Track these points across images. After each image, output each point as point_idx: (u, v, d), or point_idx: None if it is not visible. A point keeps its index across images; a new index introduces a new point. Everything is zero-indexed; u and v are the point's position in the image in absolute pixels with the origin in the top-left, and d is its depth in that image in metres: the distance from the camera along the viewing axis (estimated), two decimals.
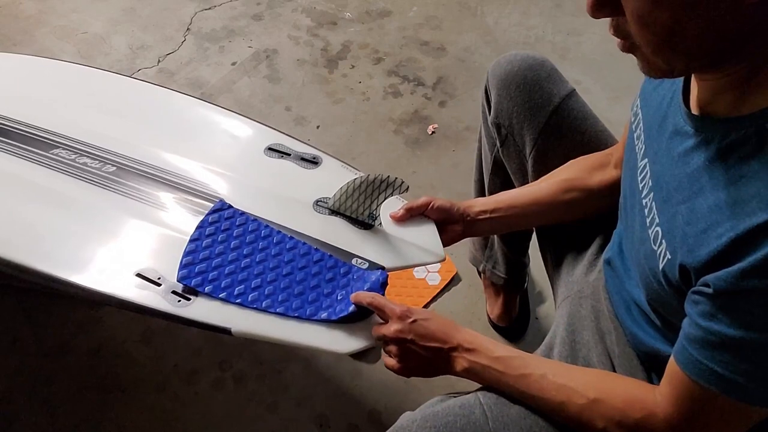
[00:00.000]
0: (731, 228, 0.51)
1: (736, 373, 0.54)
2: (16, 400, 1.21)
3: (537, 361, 0.72)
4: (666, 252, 0.60)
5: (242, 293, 0.79)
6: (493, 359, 0.72)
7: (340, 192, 0.89)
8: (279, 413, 1.21)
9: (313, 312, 0.78)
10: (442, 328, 0.74)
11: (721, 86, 0.56)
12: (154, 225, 0.88)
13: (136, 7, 2.18)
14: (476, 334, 0.75)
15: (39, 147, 0.98)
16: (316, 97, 1.87)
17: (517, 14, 2.16)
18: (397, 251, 0.87)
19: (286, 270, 0.83)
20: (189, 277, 0.80)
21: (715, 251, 0.53)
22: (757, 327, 0.51)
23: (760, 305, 0.50)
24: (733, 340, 0.53)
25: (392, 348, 0.76)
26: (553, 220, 0.95)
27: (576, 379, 0.68)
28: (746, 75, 0.53)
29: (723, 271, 0.52)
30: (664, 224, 0.62)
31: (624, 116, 0.86)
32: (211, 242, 0.84)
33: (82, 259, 0.84)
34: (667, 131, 0.65)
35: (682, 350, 0.58)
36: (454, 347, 0.74)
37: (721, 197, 0.54)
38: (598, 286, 0.86)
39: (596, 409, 0.65)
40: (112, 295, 0.79)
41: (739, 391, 0.55)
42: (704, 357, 0.56)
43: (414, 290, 1.38)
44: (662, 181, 0.64)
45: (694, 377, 0.57)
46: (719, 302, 0.53)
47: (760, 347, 0.52)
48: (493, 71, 0.98)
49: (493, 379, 0.72)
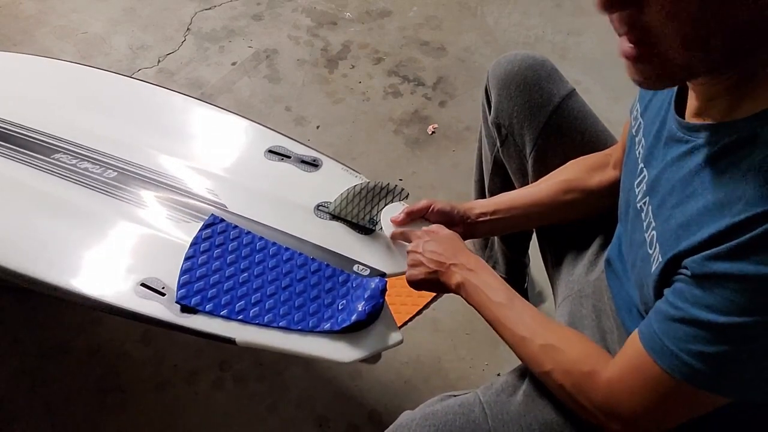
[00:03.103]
0: (715, 226, 0.52)
1: (684, 351, 0.54)
2: (15, 400, 1.21)
3: (522, 302, 0.75)
4: (658, 255, 0.60)
5: (243, 309, 0.79)
6: (485, 284, 0.76)
7: (341, 197, 0.89)
8: (279, 414, 1.21)
9: (316, 324, 0.78)
10: (450, 246, 0.81)
11: (715, 92, 0.56)
12: (157, 232, 0.87)
13: (136, 7, 2.18)
14: (481, 260, 0.80)
15: (40, 152, 0.98)
16: (316, 97, 1.87)
17: (517, 14, 2.16)
18: (398, 257, 0.88)
19: (285, 282, 0.82)
20: (188, 297, 0.79)
21: (697, 242, 0.54)
22: (720, 310, 0.51)
23: (728, 289, 0.51)
24: (692, 319, 0.54)
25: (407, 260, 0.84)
26: (553, 221, 0.95)
27: (547, 325, 0.71)
28: (739, 81, 0.53)
29: (699, 255, 0.53)
30: (659, 228, 0.62)
31: (624, 116, 0.86)
32: (206, 259, 0.84)
33: (86, 268, 0.83)
34: (662, 137, 0.65)
35: (645, 321, 0.60)
36: (455, 264, 0.79)
37: (710, 200, 0.54)
38: (600, 286, 0.86)
39: (550, 354, 0.68)
40: (115, 306, 0.79)
41: (681, 369, 0.55)
42: (660, 329, 0.57)
43: (414, 290, 1.38)
44: (657, 185, 0.64)
45: (644, 346, 0.58)
46: (692, 283, 0.54)
47: (715, 331, 0.52)
48: (494, 71, 0.98)
49: (479, 301, 0.76)
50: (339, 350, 0.76)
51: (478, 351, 1.30)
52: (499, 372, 1.26)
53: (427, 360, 1.28)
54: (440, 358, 1.29)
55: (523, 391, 0.75)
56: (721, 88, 0.55)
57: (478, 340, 1.32)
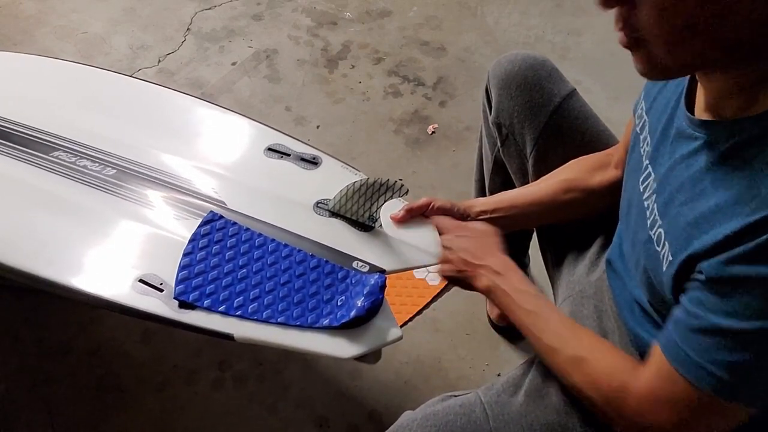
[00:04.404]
0: (729, 226, 0.51)
1: (709, 361, 0.53)
2: (16, 400, 1.21)
3: (550, 306, 0.74)
4: (668, 254, 0.60)
5: (241, 305, 0.79)
6: (513, 289, 0.75)
7: (340, 194, 0.89)
8: (279, 413, 1.21)
9: (315, 320, 0.78)
10: (481, 245, 0.81)
11: (729, 89, 0.55)
12: (155, 229, 0.87)
13: (136, 7, 2.18)
14: (509, 261, 0.79)
15: (39, 150, 0.98)
16: (316, 97, 1.87)
17: (517, 14, 2.16)
18: (398, 253, 0.87)
19: (284, 278, 0.82)
20: (186, 293, 0.79)
21: (711, 243, 0.53)
22: (741, 315, 0.51)
23: (747, 293, 0.50)
24: (712, 328, 0.53)
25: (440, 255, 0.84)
26: (553, 220, 0.95)
27: (575, 334, 0.70)
28: (756, 79, 0.53)
29: (714, 258, 0.52)
30: (666, 226, 0.61)
31: (624, 116, 0.86)
32: (205, 255, 0.83)
33: (84, 265, 0.83)
34: (671, 134, 0.64)
35: (665, 331, 0.59)
36: (483, 265, 0.78)
37: (723, 198, 0.53)
38: (601, 286, 0.86)
39: (579, 366, 0.67)
40: (113, 302, 0.78)
41: (708, 381, 0.54)
42: (682, 340, 0.56)
43: (414, 290, 1.38)
44: (665, 183, 0.64)
45: (669, 359, 0.57)
46: (708, 288, 0.53)
47: (737, 339, 0.52)
48: (494, 71, 0.98)
49: (506, 305, 0.76)
50: (338, 346, 0.76)
51: (478, 351, 1.30)
52: (499, 372, 1.26)
53: (427, 360, 1.28)
54: (440, 358, 1.29)
55: (524, 392, 0.75)
56: (733, 85, 0.54)
57: (478, 340, 1.32)
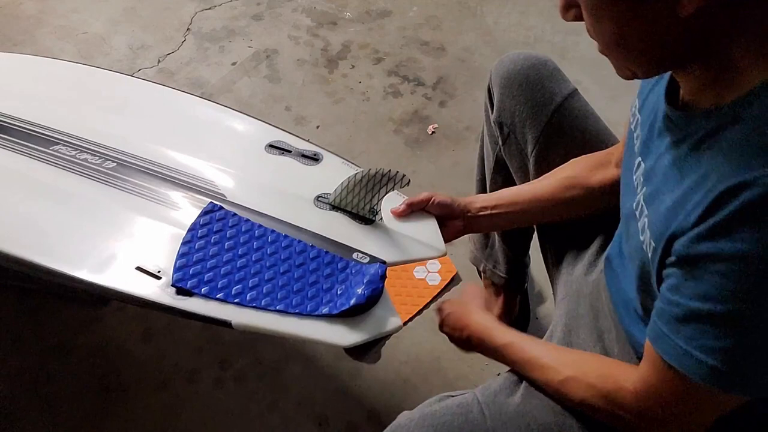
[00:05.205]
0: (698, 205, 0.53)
1: (696, 348, 0.54)
2: (17, 399, 1.21)
3: (530, 345, 0.77)
4: (651, 241, 0.61)
5: (240, 293, 0.78)
6: (495, 347, 0.80)
7: (341, 187, 0.89)
8: (279, 412, 1.21)
9: (314, 308, 0.77)
10: (460, 318, 0.86)
11: (701, 83, 0.57)
12: (154, 220, 0.88)
13: (136, 7, 2.18)
14: (485, 321, 0.83)
15: (39, 143, 0.98)
16: (316, 97, 1.87)
17: (517, 14, 2.17)
18: (398, 246, 0.87)
19: (284, 268, 0.82)
20: (184, 280, 0.79)
21: (684, 223, 0.54)
22: (715, 298, 0.51)
23: (716, 273, 0.51)
24: (692, 314, 0.54)
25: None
26: (553, 218, 0.96)
27: (557, 359, 0.74)
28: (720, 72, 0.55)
29: (683, 236, 0.54)
30: (650, 215, 0.63)
31: (623, 116, 0.86)
32: (204, 244, 0.83)
33: (83, 254, 0.83)
34: (656, 128, 0.66)
35: (652, 324, 0.59)
36: (467, 337, 0.85)
37: (694, 178, 0.55)
38: (598, 285, 0.86)
39: (570, 385, 0.70)
40: (111, 288, 0.79)
41: (698, 370, 0.54)
42: (669, 330, 0.56)
43: (414, 290, 1.38)
44: (651, 175, 0.65)
45: (658, 351, 0.58)
46: (682, 271, 0.54)
47: (717, 322, 0.52)
48: (496, 70, 0.98)
49: (499, 360, 0.81)
50: (337, 334, 0.75)
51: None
52: (498, 372, 1.26)
53: (427, 359, 1.29)
54: (440, 358, 1.29)
55: (522, 392, 0.76)
56: (700, 81, 0.57)
57: None
